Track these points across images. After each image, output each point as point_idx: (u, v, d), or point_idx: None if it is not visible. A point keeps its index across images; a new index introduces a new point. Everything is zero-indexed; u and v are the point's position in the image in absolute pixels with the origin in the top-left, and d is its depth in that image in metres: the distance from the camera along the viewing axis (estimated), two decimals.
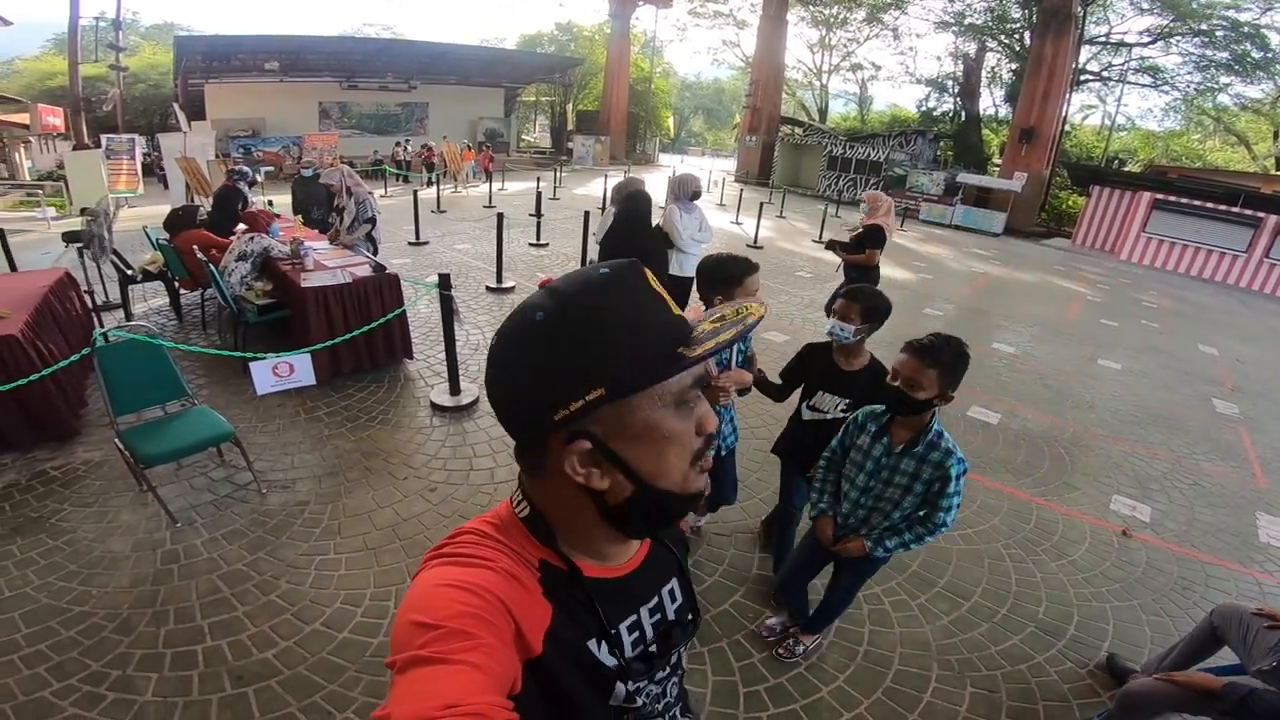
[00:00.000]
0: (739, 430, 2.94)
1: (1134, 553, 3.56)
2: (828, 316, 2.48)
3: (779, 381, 2.70)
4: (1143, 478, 4.46)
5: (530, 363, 0.63)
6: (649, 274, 0.67)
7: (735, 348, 2.47)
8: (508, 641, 0.60)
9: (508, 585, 0.64)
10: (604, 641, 0.73)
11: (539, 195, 10.65)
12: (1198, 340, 8.86)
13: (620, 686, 0.75)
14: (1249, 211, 14.48)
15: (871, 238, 5.39)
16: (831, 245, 5.84)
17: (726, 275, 2.37)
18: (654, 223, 4.83)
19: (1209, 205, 15.05)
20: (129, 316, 5.63)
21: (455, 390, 4.51)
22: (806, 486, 2.76)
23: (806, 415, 2.63)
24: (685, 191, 4.95)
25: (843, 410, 2.51)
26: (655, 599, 0.82)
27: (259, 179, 7.23)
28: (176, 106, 14.70)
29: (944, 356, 1.94)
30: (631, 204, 4.51)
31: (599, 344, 0.62)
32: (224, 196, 6.54)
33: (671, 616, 0.84)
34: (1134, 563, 3.47)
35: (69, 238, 5.80)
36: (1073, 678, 2.62)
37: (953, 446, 2.02)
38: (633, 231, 4.45)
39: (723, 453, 2.89)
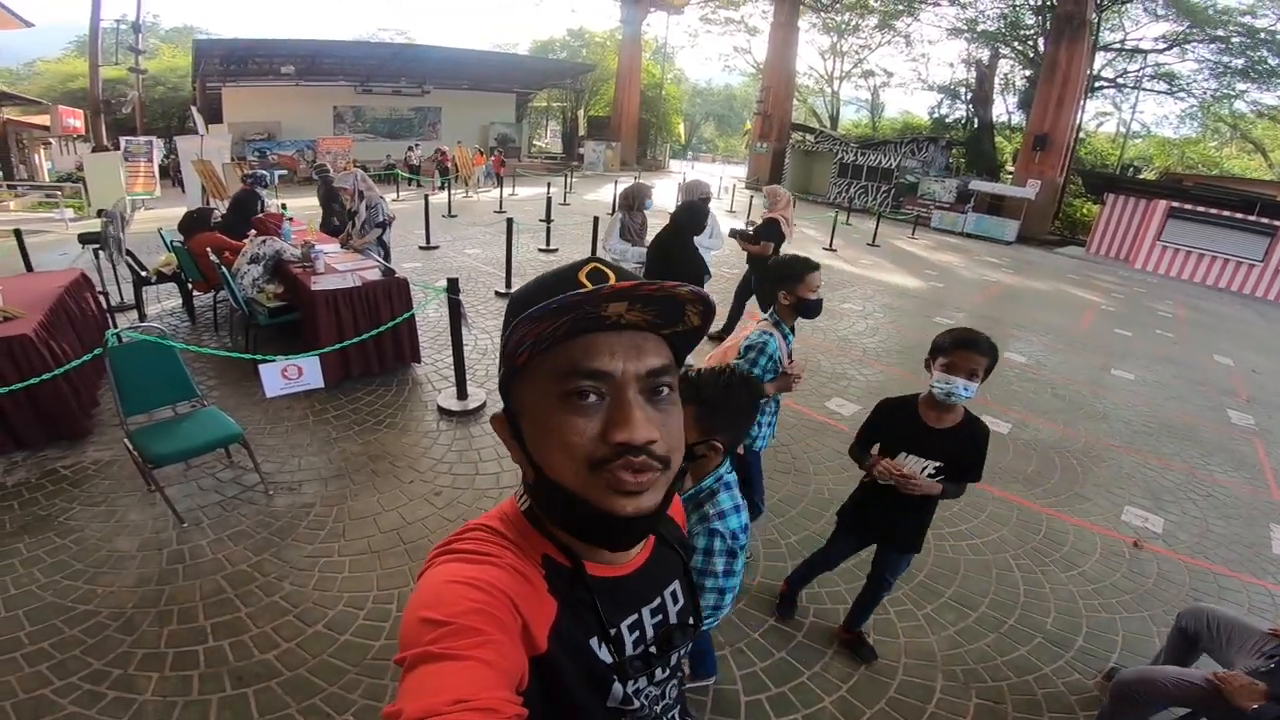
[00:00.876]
0: (775, 431, 2.95)
1: (1145, 564, 3.51)
2: (928, 368, 2.16)
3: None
4: (1155, 489, 4.39)
5: None
6: (590, 269, 0.66)
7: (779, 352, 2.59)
8: (515, 638, 0.61)
9: (514, 581, 0.65)
10: (604, 640, 0.73)
11: (549, 201, 10.69)
12: (1213, 351, 8.74)
13: (618, 687, 0.75)
14: (1266, 220, 14.28)
15: (767, 231, 5.72)
16: (734, 234, 6.08)
17: (791, 273, 2.60)
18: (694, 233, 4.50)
19: (1225, 213, 14.85)
20: (142, 317, 5.70)
21: (462, 395, 4.53)
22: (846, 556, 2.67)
23: (884, 480, 2.23)
24: (694, 197, 4.92)
25: (930, 474, 2.19)
26: (658, 599, 0.82)
27: (275, 182, 7.35)
28: (194, 109, 14.92)
29: (705, 393, 1.62)
30: (679, 213, 4.41)
31: (511, 319, 0.66)
32: (241, 200, 6.61)
33: (673, 619, 0.84)
34: (1145, 574, 3.42)
35: (86, 239, 5.89)
36: (1080, 690, 2.58)
37: (726, 509, 1.63)
38: (670, 241, 4.36)
39: (755, 447, 2.88)
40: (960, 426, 2.18)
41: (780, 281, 2.61)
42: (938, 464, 2.20)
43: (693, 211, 4.34)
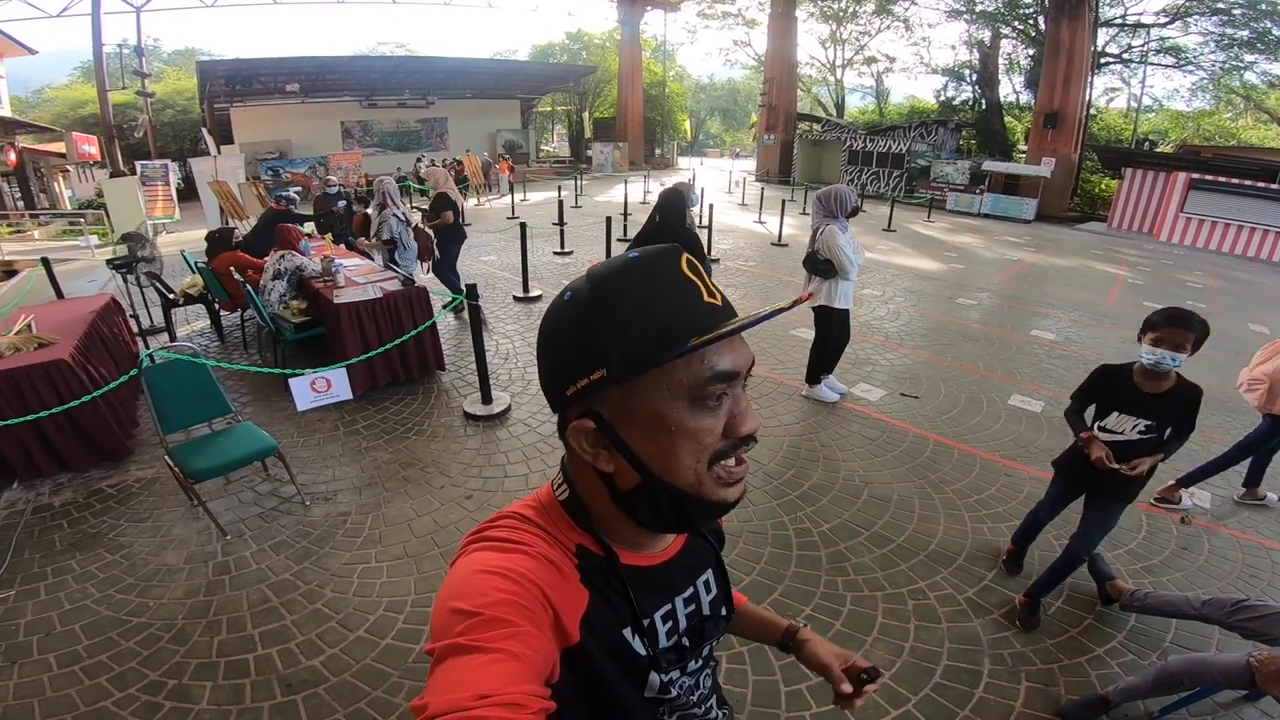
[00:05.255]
0: None
1: (1195, 540, 3.42)
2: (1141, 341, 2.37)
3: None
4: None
5: (553, 340, 0.66)
6: (686, 260, 0.64)
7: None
8: (545, 629, 0.60)
9: (545, 571, 0.64)
10: (637, 631, 0.72)
11: (560, 204, 10.71)
12: (1248, 319, 8.53)
13: (655, 677, 0.74)
14: None
15: (442, 205, 6.29)
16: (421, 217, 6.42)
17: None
18: (687, 222, 4.40)
19: (1248, 183, 14.55)
20: (173, 339, 5.80)
21: (487, 399, 4.55)
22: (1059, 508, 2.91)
23: (1101, 437, 2.50)
24: (845, 207, 4.33)
25: (1140, 432, 2.44)
26: (690, 589, 0.81)
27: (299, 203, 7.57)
28: (204, 131, 15.14)
29: None
30: (666, 203, 4.32)
31: (608, 326, 0.62)
32: (270, 219, 6.64)
33: (706, 609, 0.83)
34: (1195, 551, 3.33)
35: (115, 264, 5.99)
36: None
37: None
38: (667, 223, 4.26)
39: None
40: (1173, 391, 2.39)
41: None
42: (1149, 422, 2.42)
43: (678, 197, 4.28)
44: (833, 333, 4.67)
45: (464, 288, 4.55)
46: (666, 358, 0.60)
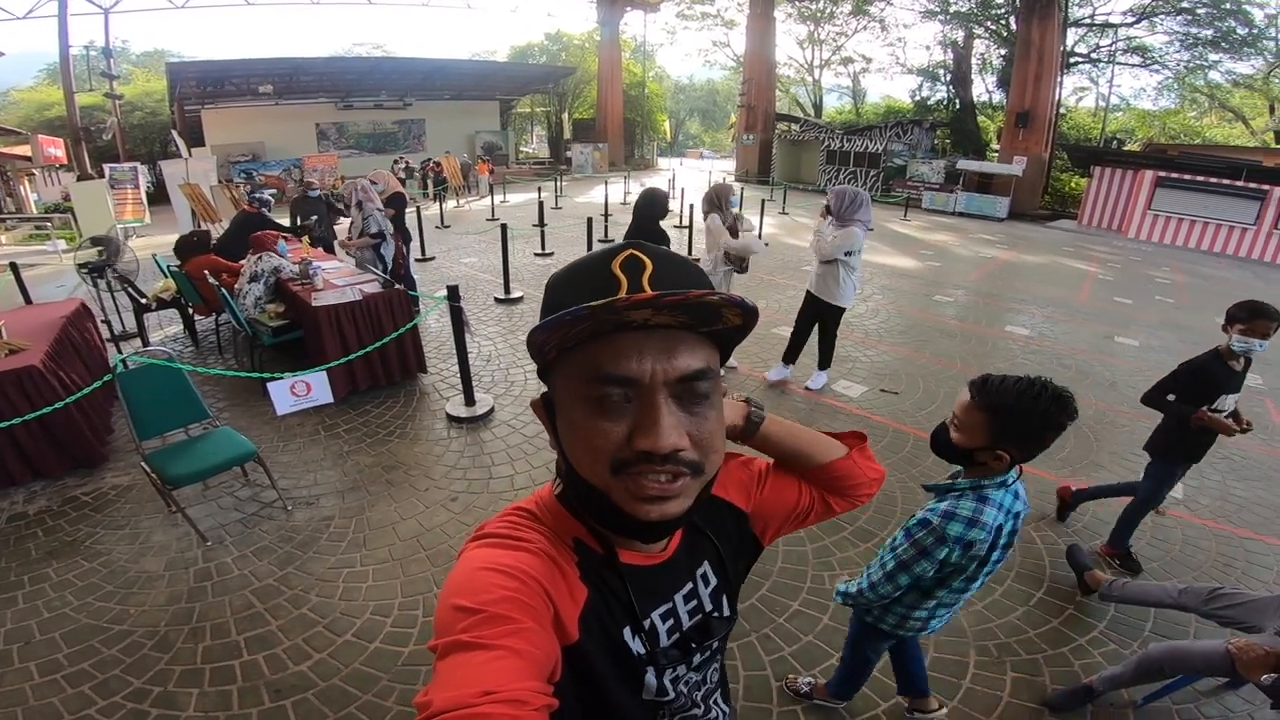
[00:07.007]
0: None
1: (1169, 530, 3.51)
2: (1226, 331, 2.77)
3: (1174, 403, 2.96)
4: None
5: None
6: (626, 257, 0.62)
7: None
8: (547, 625, 0.60)
9: (546, 568, 0.64)
10: (636, 631, 0.72)
11: (540, 205, 10.68)
12: (1215, 314, 8.67)
13: (651, 680, 0.74)
14: (1254, 185, 14.38)
15: (397, 202, 6.84)
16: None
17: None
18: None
19: (1213, 180, 14.96)
20: (146, 344, 5.67)
21: (470, 401, 4.52)
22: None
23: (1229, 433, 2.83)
24: (858, 209, 4.54)
25: (1234, 404, 2.86)
26: (689, 585, 0.80)
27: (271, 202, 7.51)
28: (175, 134, 14.82)
29: (1001, 399, 1.61)
30: (640, 205, 4.51)
31: (545, 308, 0.65)
32: (243, 222, 6.53)
33: (708, 604, 0.82)
34: (1170, 540, 3.42)
35: (87, 268, 5.84)
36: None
37: (958, 512, 1.65)
38: (642, 225, 4.49)
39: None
40: (1245, 367, 2.82)
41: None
42: (1238, 395, 2.84)
43: (651, 200, 4.60)
44: (802, 317, 4.99)
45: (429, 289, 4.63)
46: (533, 338, 0.59)
